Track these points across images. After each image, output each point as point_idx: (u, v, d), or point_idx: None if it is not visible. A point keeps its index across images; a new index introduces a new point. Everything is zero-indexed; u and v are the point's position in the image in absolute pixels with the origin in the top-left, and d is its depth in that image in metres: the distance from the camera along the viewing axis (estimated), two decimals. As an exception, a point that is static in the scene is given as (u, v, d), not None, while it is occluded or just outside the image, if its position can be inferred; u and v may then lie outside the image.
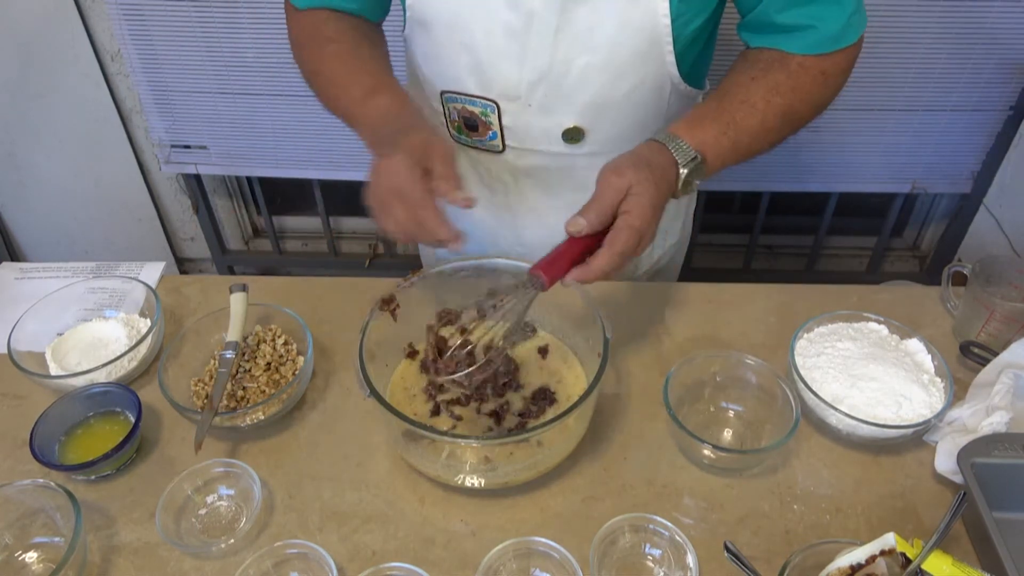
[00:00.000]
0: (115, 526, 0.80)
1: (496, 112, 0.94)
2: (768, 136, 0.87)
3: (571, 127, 0.94)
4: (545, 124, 0.95)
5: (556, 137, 0.96)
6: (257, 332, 0.97)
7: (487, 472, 0.78)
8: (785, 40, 0.86)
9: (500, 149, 0.99)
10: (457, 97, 0.96)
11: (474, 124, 0.98)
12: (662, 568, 0.75)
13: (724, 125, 0.84)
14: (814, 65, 0.87)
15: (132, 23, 1.85)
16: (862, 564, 0.67)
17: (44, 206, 2.25)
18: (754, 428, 0.87)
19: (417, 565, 0.73)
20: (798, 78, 0.87)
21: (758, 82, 0.86)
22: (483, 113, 0.95)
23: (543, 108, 0.93)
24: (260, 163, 2.11)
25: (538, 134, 0.96)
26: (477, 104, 0.95)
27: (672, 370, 0.85)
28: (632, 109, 0.94)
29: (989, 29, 1.78)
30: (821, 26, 0.84)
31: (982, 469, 0.76)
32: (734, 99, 0.85)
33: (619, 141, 0.97)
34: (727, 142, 0.84)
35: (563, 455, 0.82)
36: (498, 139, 0.98)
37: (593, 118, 0.94)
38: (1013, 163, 1.96)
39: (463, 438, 0.76)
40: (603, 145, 0.97)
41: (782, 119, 0.86)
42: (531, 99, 0.92)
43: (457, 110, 0.98)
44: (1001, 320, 0.93)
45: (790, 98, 0.86)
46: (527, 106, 0.93)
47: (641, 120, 0.96)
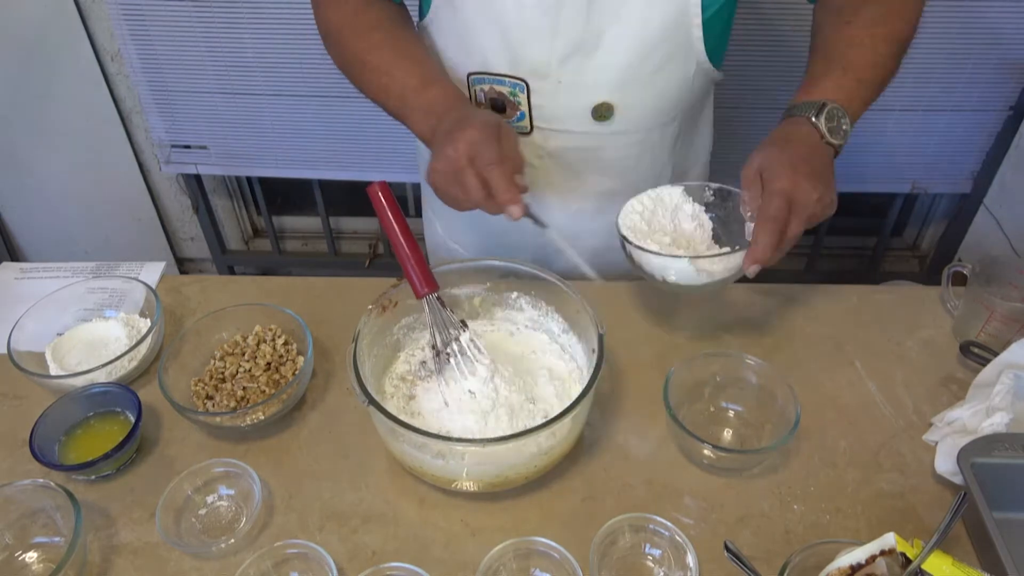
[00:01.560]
0: (115, 526, 0.80)
1: (526, 91, 0.94)
2: (886, 65, 0.89)
3: (600, 103, 0.94)
4: (575, 101, 0.95)
5: (585, 115, 0.96)
6: (257, 332, 0.97)
7: (481, 469, 0.78)
8: None
9: (528, 130, 0.99)
10: (485, 78, 0.96)
11: (502, 105, 0.97)
12: (662, 568, 0.75)
13: (839, 70, 0.86)
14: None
15: (132, 23, 1.85)
16: (862, 564, 0.67)
17: (44, 206, 2.25)
18: (754, 428, 0.87)
19: (417, 565, 0.73)
20: (888, 3, 0.89)
21: (854, 24, 0.89)
22: (512, 93, 0.95)
23: (573, 84, 0.93)
24: (260, 163, 2.12)
25: (567, 112, 0.96)
26: (506, 83, 0.95)
27: (672, 370, 0.85)
28: (659, 86, 0.95)
29: (989, 29, 1.78)
30: None
31: (982, 469, 0.76)
32: (838, 46, 0.88)
33: (646, 119, 0.98)
34: (850, 81, 0.86)
35: (562, 453, 0.82)
36: (526, 120, 0.98)
37: (622, 94, 0.94)
38: (1013, 163, 1.96)
39: (458, 442, 0.76)
40: (631, 123, 0.98)
41: (892, 44, 0.89)
42: (561, 75, 0.92)
43: (484, 91, 0.97)
44: (1001, 320, 0.93)
45: (890, 23, 0.89)
46: (557, 83, 0.93)
47: (667, 99, 0.97)
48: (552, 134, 0.99)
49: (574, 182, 1.05)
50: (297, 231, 2.49)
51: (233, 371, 0.92)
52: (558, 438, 0.78)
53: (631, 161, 1.03)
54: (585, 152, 1.01)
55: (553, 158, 1.02)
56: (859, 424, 0.89)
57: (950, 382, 0.95)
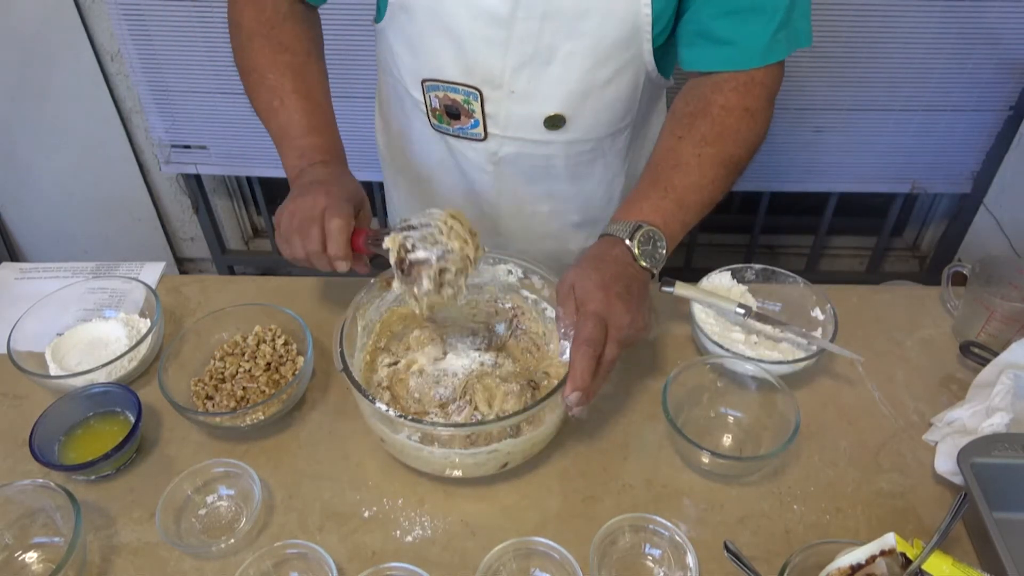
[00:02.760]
0: (115, 526, 0.80)
1: (479, 99, 0.95)
2: (712, 186, 0.86)
3: (553, 114, 0.95)
4: (527, 111, 0.96)
5: (538, 124, 0.97)
6: (257, 332, 0.97)
7: (465, 455, 0.78)
8: (715, 56, 0.87)
9: (482, 137, 1.00)
10: (439, 85, 0.96)
11: (456, 112, 0.98)
12: (662, 568, 0.75)
13: (661, 191, 0.85)
14: (736, 104, 0.87)
15: (132, 23, 1.85)
16: (862, 564, 0.67)
17: (44, 206, 2.25)
18: (754, 434, 0.87)
19: (417, 565, 0.73)
20: (723, 123, 0.87)
21: (684, 140, 0.87)
22: (465, 100, 0.96)
23: (526, 95, 0.94)
24: (260, 163, 2.12)
25: (520, 121, 0.97)
26: (459, 91, 0.95)
27: (670, 375, 0.85)
28: (610, 96, 0.96)
29: (989, 29, 1.78)
30: (747, 41, 0.85)
31: (982, 469, 0.76)
32: (666, 165, 0.87)
33: (597, 127, 0.99)
34: (670, 204, 0.84)
35: (541, 444, 0.82)
36: (480, 127, 0.98)
37: (574, 105, 0.95)
38: (1013, 163, 1.97)
39: (433, 425, 0.76)
40: (584, 131, 0.99)
41: (719, 167, 0.86)
42: (514, 85, 0.93)
43: (439, 98, 0.98)
44: (1001, 320, 0.93)
45: (720, 144, 0.86)
46: (510, 92, 0.93)
47: (617, 109, 0.98)
48: (506, 141, 1.00)
49: (528, 187, 1.06)
50: (297, 231, 2.49)
51: (233, 371, 0.92)
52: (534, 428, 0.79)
53: (584, 168, 1.05)
54: (538, 159, 1.02)
55: (507, 164, 1.03)
56: (859, 424, 0.89)
57: (950, 382, 0.95)
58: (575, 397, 0.72)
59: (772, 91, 0.90)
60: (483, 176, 1.06)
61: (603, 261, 0.80)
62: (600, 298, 0.76)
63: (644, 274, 0.82)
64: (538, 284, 0.95)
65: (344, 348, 0.81)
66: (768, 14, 0.84)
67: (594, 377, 0.73)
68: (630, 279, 0.80)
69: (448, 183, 1.10)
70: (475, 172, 1.06)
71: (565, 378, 0.74)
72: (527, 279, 0.95)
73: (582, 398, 0.73)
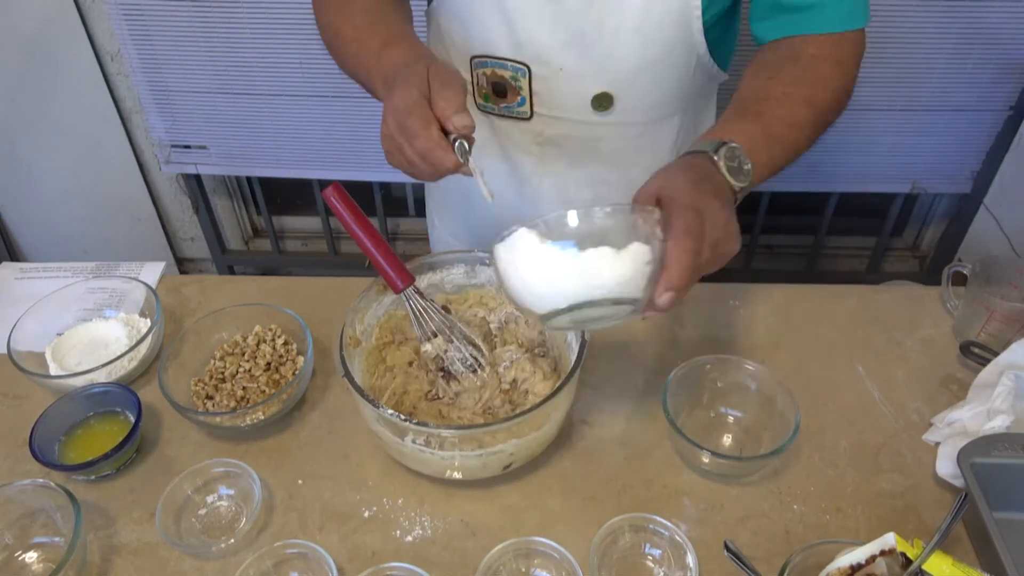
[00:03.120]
0: (115, 526, 0.80)
1: (527, 76, 0.94)
2: (801, 128, 0.82)
3: (600, 93, 0.94)
4: (575, 89, 0.95)
5: (585, 104, 0.96)
6: (257, 332, 0.97)
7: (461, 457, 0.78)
8: (797, 22, 0.85)
9: (528, 116, 0.99)
10: (487, 61, 0.96)
11: (503, 89, 0.97)
12: (662, 568, 0.75)
13: (750, 118, 0.79)
14: (829, 54, 0.85)
15: (132, 23, 1.85)
16: (862, 564, 0.67)
17: (44, 206, 2.25)
18: (754, 434, 0.87)
19: (417, 565, 0.73)
20: (814, 68, 0.84)
21: (775, 80, 0.84)
22: (513, 77, 0.95)
23: (574, 72, 0.93)
24: (260, 163, 2.12)
25: (567, 100, 0.96)
26: (508, 67, 0.95)
27: (670, 376, 0.85)
28: (660, 78, 0.95)
29: (989, 29, 1.78)
30: (831, 5, 0.84)
31: (982, 469, 0.76)
32: (755, 96, 0.83)
33: (646, 111, 0.98)
34: (758, 131, 0.78)
35: (544, 444, 0.82)
36: (527, 105, 0.98)
37: (622, 84, 0.94)
38: (1013, 163, 1.96)
39: (423, 426, 0.76)
40: (630, 115, 0.98)
41: (809, 107, 0.83)
42: (563, 62, 0.92)
43: (486, 75, 0.97)
44: (1001, 320, 0.93)
45: (810, 87, 0.83)
46: (559, 70, 0.93)
47: (667, 91, 0.97)
48: (551, 121, 0.99)
49: (572, 171, 1.05)
50: (297, 231, 2.49)
51: (233, 371, 0.92)
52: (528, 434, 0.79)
53: (630, 153, 1.03)
54: (584, 142, 1.01)
55: (551, 145, 1.02)
56: (859, 424, 0.89)
57: (950, 382, 0.95)
58: (668, 298, 0.63)
59: (860, 54, 0.88)
60: (527, 158, 1.04)
61: (690, 168, 0.72)
62: (694, 192, 0.67)
63: (730, 191, 0.73)
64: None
65: (344, 352, 0.81)
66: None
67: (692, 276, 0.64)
68: (719, 186, 0.71)
69: (491, 166, 1.06)
70: (519, 154, 1.05)
71: (564, 380, 0.74)
72: None
73: (675, 298, 0.63)
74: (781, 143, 0.80)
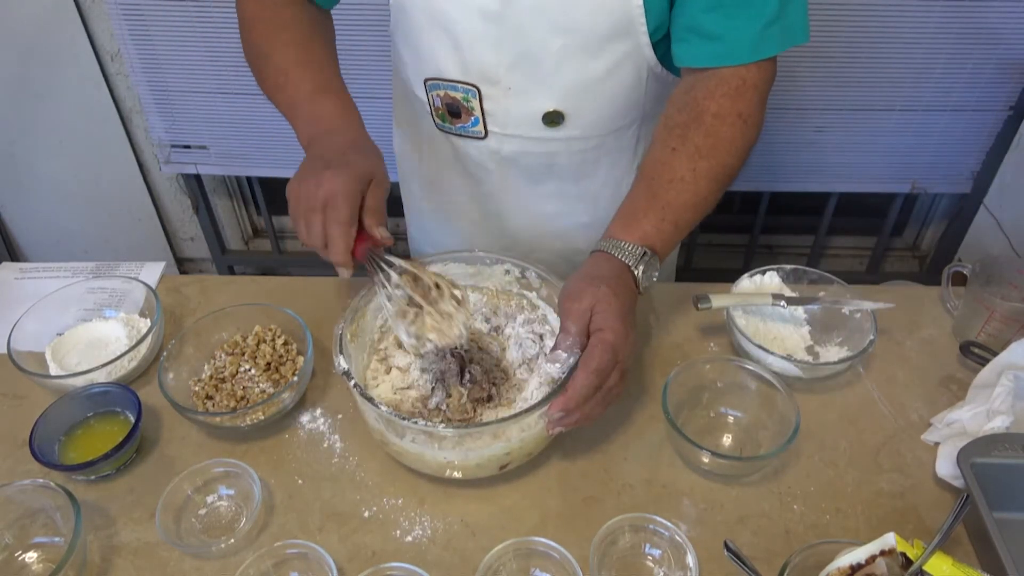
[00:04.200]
0: (115, 526, 0.80)
1: (477, 96, 0.95)
2: (706, 202, 0.86)
3: (551, 111, 0.95)
4: (525, 108, 0.96)
5: (536, 121, 0.97)
6: (257, 332, 0.97)
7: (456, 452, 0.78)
8: (707, 52, 0.85)
9: (483, 135, 1.00)
10: (439, 84, 0.97)
11: (457, 110, 0.99)
12: (662, 568, 0.75)
13: (660, 211, 0.84)
14: (729, 110, 0.85)
15: (132, 23, 1.85)
16: (862, 564, 0.67)
17: (44, 206, 2.25)
18: (753, 434, 0.87)
19: (417, 565, 0.73)
20: (717, 133, 0.85)
21: (679, 153, 0.85)
22: (464, 98, 0.96)
23: (523, 91, 0.94)
24: (260, 163, 2.12)
25: (519, 118, 0.97)
26: (459, 89, 0.96)
27: (670, 375, 0.85)
28: (610, 92, 0.95)
29: (989, 29, 1.78)
30: (735, 35, 0.84)
31: (982, 469, 0.76)
32: (661, 180, 0.85)
33: (600, 125, 0.99)
34: (669, 226, 0.84)
35: (542, 444, 0.82)
36: (480, 125, 0.99)
37: (572, 101, 0.95)
38: (1013, 163, 1.96)
39: (434, 426, 0.76)
40: (584, 129, 0.98)
41: (713, 182, 0.85)
42: (510, 82, 0.93)
43: (440, 96, 0.99)
44: (1001, 320, 0.93)
45: (714, 157, 0.85)
46: (507, 89, 0.94)
47: (620, 103, 0.97)
48: (506, 139, 1.00)
49: (532, 187, 1.06)
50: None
51: (233, 371, 0.92)
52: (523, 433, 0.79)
53: (588, 166, 1.04)
54: (540, 157, 1.02)
55: (509, 163, 1.03)
56: (859, 424, 0.89)
57: (950, 382, 0.95)
58: (558, 417, 0.74)
59: (764, 92, 0.88)
60: (488, 176, 1.06)
61: (619, 286, 0.79)
62: (619, 330, 0.75)
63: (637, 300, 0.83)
64: (535, 283, 0.95)
65: (343, 351, 0.81)
66: (757, 8, 0.82)
67: (585, 403, 0.74)
68: (635, 308, 0.81)
69: (456, 184, 1.10)
70: (480, 172, 1.06)
71: (563, 383, 0.74)
72: (523, 278, 0.95)
73: (565, 419, 0.74)
74: (686, 229, 0.86)
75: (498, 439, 0.77)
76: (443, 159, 1.08)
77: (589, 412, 0.75)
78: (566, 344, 0.77)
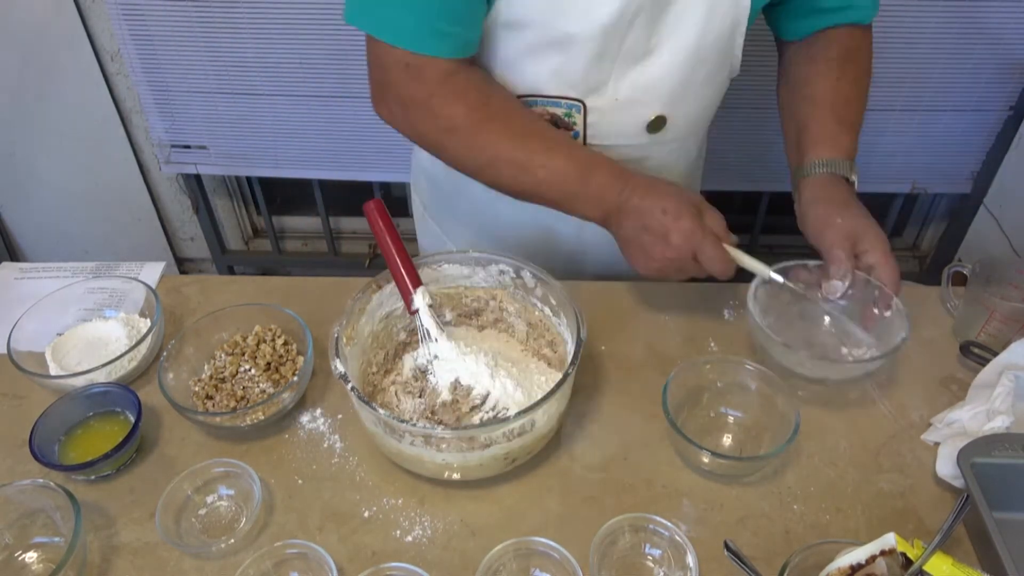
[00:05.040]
0: (115, 526, 0.80)
1: (582, 111, 0.94)
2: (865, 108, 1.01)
3: (656, 117, 0.95)
4: (630, 117, 0.95)
5: (640, 129, 0.96)
6: (257, 332, 0.97)
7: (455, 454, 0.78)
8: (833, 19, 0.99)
9: None
10: (537, 100, 0.94)
11: (556, 125, 0.96)
12: (662, 568, 0.75)
13: (848, 128, 0.98)
14: (864, 45, 1.02)
15: (132, 23, 1.85)
16: (862, 564, 0.67)
17: (44, 206, 2.25)
18: (754, 434, 0.87)
19: (417, 565, 0.73)
20: (863, 62, 1.01)
21: (843, 82, 0.98)
22: (567, 114, 0.94)
23: (629, 100, 0.93)
24: (260, 163, 2.12)
25: (622, 127, 0.96)
26: (561, 105, 0.94)
27: (671, 375, 0.85)
28: (704, 94, 0.98)
29: (989, 29, 1.78)
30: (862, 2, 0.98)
31: (982, 469, 0.76)
32: (839, 103, 0.98)
33: (694, 126, 1.02)
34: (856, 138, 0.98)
35: (544, 440, 0.83)
36: (580, 138, 0.97)
37: (674, 105, 0.95)
38: (1013, 163, 1.96)
39: (420, 427, 0.76)
40: (680, 130, 1.00)
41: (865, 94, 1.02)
42: (618, 92, 0.92)
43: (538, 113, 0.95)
44: (1001, 320, 0.93)
45: (866, 82, 1.02)
46: (614, 100, 0.93)
47: (711, 107, 1.02)
48: (604, 149, 0.98)
49: None
50: (297, 231, 2.49)
51: (233, 371, 0.92)
52: None
53: (670, 166, 1.05)
54: (631, 162, 0.99)
55: None
56: (859, 424, 0.89)
57: (950, 382, 0.95)
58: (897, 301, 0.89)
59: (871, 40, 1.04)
60: None
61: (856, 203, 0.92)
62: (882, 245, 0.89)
63: None
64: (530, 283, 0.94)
65: (339, 354, 0.81)
66: None
67: None
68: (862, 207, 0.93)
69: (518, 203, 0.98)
70: None
71: (561, 381, 0.75)
72: (519, 277, 0.95)
73: None
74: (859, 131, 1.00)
75: (496, 441, 0.77)
76: None
77: None
78: (840, 272, 0.89)
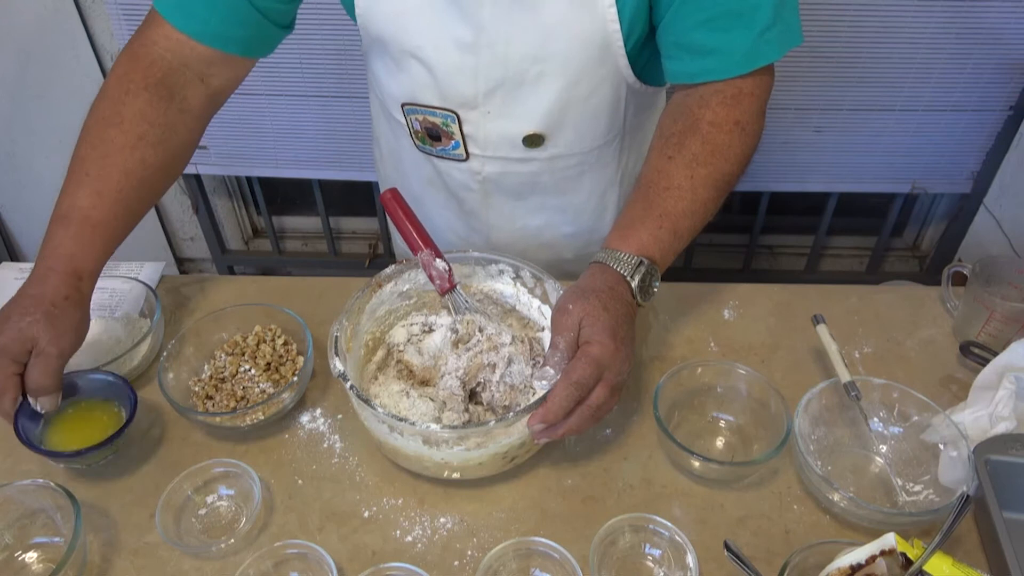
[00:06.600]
0: (115, 526, 0.80)
1: (456, 121, 0.95)
2: (705, 209, 0.84)
3: (531, 133, 0.95)
4: (505, 131, 0.95)
5: (516, 143, 0.96)
6: (257, 332, 0.97)
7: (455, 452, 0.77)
8: (700, 67, 0.84)
9: (464, 157, 1.00)
10: (417, 109, 0.97)
11: (436, 134, 0.99)
12: (662, 568, 0.75)
13: (657, 219, 0.81)
14: (726, 119, 0.83)
15: (132, 23, 1.85)
16: (862, 564, 0.67)
17: (44, 206, 2.22)
18: (746, 439, 0.87)
19: (417, 565, 0.73)
20: (714, 140, 0.83)
21: (675, 161, 0.83)
22: (444, 123, 0.96)
23: (502, 115, 0.93)
24: (260, 163, 2.11)
25: (499, 141, 0.97)
26: (437, 115, 0.96)
27: (661, 380, 0.85)
28: (590, 111, 0.95)
29: (989, 29, 1.78)
30: (728, 48, 0.82)
31: (996, 467, 0.75)
32: (658, 188, 0.83)
33: (580, 143, 0.98)
34: (667, 234, 0.81)
35: (533, 449, 0.82)
36: (461, 148, 0.99)
37: (552, 123, 0.94)
38: (1013, 163, 1.97)
39: (432, 427, 0.75)
40: (566, 147, 0.98)
41: (712, 189, 0.83)
42: (489, 107, 0.93)
43: (419, 121, 0.98)
44: (1001, 320, 0.93)
45: (712, 164, 0.83)
46: (486, 113, 0.93)
47: (600, 123, 0.97)
48: (487, 160, 0.99)
49: (516, 203, 1.06)
50: (297, 231, 2.49)
51: (233, 371, 0.92)
52: None
53: (571, 182, 1.04)
54: (522, 176, 1.01)
55: (491, 182, 1.03)
56: (859, 424, 0.89)
57: (950, 382, 0.94)
58: (540, 428, 0.72)
59: (762, 101, 0.86)
60: (470, 194, 1.06)
61: (611, 299, 0.76)
62: (607, 344, 0.73)
63: (635, 312, 0.80)
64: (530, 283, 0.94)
65: (339, 353, 0.81)
66: (749, 18, 0.80)
67: (568, 417, 0.72)
68: (631, 321, 0.78)
69: (439, 200, 1.10)
70: (462, 191, 1.06)
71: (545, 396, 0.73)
72: (519, 277, 0.95)
73: (549, 431, 0.73)
74: (686, 237, 0.83)
75: (496, 440, 0.77)
76: (425, 178, 1.08)
77: (574, 425, 0.73)
78: (554, 360, 0.75)
